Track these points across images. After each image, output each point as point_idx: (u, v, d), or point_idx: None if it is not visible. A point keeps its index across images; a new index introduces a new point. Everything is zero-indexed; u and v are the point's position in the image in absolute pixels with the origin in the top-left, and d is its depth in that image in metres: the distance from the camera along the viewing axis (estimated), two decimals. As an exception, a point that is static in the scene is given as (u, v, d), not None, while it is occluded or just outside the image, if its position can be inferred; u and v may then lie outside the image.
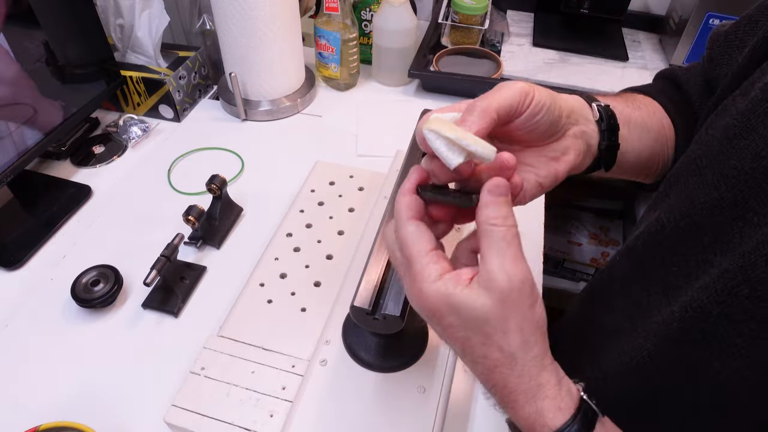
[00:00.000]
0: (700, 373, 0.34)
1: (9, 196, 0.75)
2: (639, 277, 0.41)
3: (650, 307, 0.39)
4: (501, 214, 0.32)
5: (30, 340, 0.59)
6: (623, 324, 0.42)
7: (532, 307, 0.32)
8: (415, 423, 0.47)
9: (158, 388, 0.54)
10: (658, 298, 0.38)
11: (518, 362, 0.32)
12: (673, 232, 0.38)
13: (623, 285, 0.44)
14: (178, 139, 0.87)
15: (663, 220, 0.39)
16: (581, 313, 0.53)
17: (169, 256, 0.60)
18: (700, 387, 0.34)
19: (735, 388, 0.32)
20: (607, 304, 0.46)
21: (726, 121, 0.36)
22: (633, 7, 1.13)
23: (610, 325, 0.44)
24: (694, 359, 0.34)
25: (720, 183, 0.35)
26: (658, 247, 0.40)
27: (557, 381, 0.33)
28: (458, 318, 0.32)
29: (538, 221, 0.72)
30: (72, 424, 0.48)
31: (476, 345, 0.33)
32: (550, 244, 1.36)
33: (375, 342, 0.50)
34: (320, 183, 0.73)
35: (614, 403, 0.34)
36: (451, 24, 1.06)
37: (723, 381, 0.32)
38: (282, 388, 0.50)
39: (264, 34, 0.82)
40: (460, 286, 0.32)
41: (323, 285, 0.60)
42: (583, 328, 0.51)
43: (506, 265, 0.32)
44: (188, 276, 0.64)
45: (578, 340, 0.50)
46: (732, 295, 0.31)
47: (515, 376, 0.32)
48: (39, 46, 0.72)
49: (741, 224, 0.33)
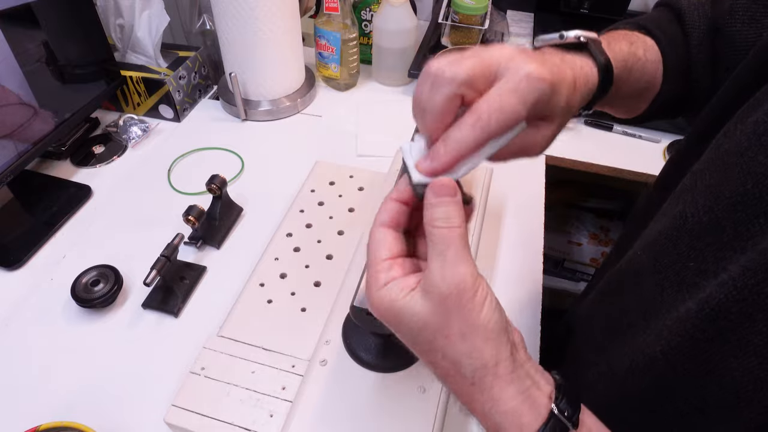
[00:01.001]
0: (713, 371, 0.33)
1: (9, 196, 0.75)
2: (654, 272, 0.41)
3: (664, 303, 0.38)
4: (443, 215, 0.31)
5: (30, 340, 0.59)
6: (637, 320, 0.41)
7: (477, 311, 0.30)
8: (415, 423, 0.47)
9: (158, 388, 0.54)
10: (672, 294, 0.38)
11: (465, 371, 0.31)
12: (695, 227, 0.37)
13: (638, 280, 0.43)
14: (178, 139, 0.87)
15: (687, 215, 0.38)
16: (591, 308, 0.52)
17: (168, 256, 0.60)
18: (710, 386, 0.34)
19: (746, 388, 0.32)
20: (620, 300, 0.45)
21: (756, 116, 0.35)
22: (633, 7, 1.13)
23: (623, 321, 0.43)
24: (708, 357, 0.34)
25: (746, 179, 0.34)
26: (677, 242, 0.39)
27: (520, 392, 0.31)
28: (402, 325, 0.32)
29: (538, 221, 0.72)
30: (72, 424, 0.48)
31: (423, 352, 0.32)
32: (550, 244, 1.35)
33: (375, 342, 0.50)
34: (320, 183, 0.73)
35: (621, 400, 0.34)
36: (451, 24, 1.06)
37: (735, 380, 0.32)
38: (282, 388, 0.50)
39: (264, 34, 0.82)
40: (404, 293, 0.31)
41: (323, 285, 0.60)
42: (594, 324, 0.50)
43: (445, 268, 0.30)
44: (188, 276, 0.64)
45: (587, 336, 0.50)
46: (753, 293, 0.31)
47: (467, 386, 0.31)
48: (39, 46, 0.72)
49: (763, 221, 0.32)
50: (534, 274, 0.65)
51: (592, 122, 0.89)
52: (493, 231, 0.71)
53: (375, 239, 0.33)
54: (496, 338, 0.31)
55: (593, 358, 0.45)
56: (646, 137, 0.87)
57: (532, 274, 0.65)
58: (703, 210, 0.37)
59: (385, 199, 0.35)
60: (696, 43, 0.47)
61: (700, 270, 0.36)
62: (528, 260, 0.67)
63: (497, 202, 0.74)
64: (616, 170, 0.83)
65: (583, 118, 0.89)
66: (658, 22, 0.49)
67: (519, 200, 0.75)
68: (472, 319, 0.30)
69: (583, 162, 0.83)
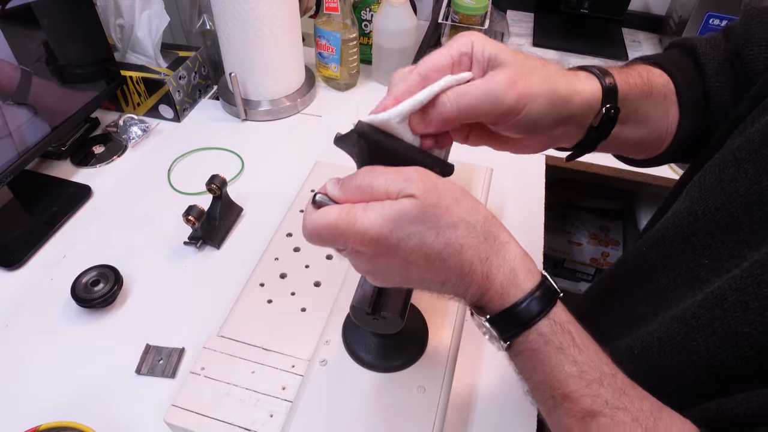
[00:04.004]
0: (701, 360, 0.34)
1: (9, 196, 0.75)
2: (666, 267, 0.41)
3: (675, 298, 0.38)
4: None
5: (30, 340, 0.59)
6: (646, 313, 0.41)
7: (451, 182, 0.33)
8: (415, 423, 0.47)
9: (158, 388, 0.54)
10: (684, 290, 0.38)
11: (477, 228, 0.33)
12: (707, 224, 0.37)
13: (648, 274, 0.43)
14: (178, 139, 0.87)
15: (697, 212, 0.38)
16: (597, 301, 0.52)
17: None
18: (702, 372, 0.34)
19: (740, 376, 0.32)
20: (629, 293, 0.45)
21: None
22: (633, 7, 1.13)
23: (631, 314, 0.43)
24: (696, 345, 0.34)
25: (762, 177, 0.34)
26: (689, 239, 0.39)
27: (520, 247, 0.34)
28: (402, 229, 0.31)
29: (538, 221, 0.72)
30: (72, 424, 0.48)
31: (433, 243, 0.32)
32: (550, 244, 1.36)
33: (375, 342, 0.50)
34: (320, 183, 0.71)
35: None
36: (451, 24, 1.06)
37: (727, 368, 0.32)
38: (282, 388, 0.50)
39: (264, 34, 0.82)
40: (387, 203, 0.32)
41: (323, 285, 0.60)
42: (600, 317, 0.50)
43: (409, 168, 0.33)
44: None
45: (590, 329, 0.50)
46: (754, 284, 0.31)
47: (482, 244, 0.33)
48: (39, 46, 0.72)
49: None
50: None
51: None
52: (493, 231, 0.70)
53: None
54: (474, 198, 0.34)
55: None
56: (646, 137, 0.87)
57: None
58: (714, 207, 0.37)
59: None
60: (712, 72, 0.46)
61: (715, 267, 0.36)
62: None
63: (497, 202, 0.74)
64: (616, 170, 0.83)
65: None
66: (671, 58, 0.48)
67: (519, 200, 0.75)
68: (450, 186, 0.33)
69: (583, 162, 0.83)
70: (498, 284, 0.33)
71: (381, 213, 0.31)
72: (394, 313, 0.43)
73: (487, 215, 0.34)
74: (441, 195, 0.32)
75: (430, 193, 0.32)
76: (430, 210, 0.32)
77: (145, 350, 0.57)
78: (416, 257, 0.32)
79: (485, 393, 0.54)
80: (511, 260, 0.33)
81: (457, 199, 0.33)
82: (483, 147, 0.43)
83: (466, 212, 0.33)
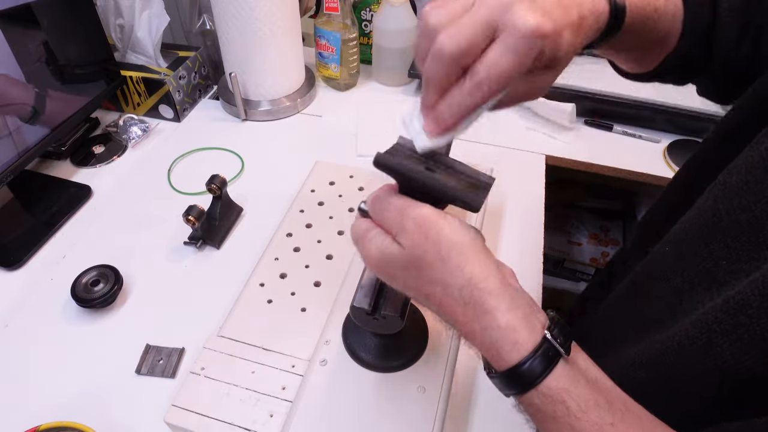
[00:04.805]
0: (726, 365, 0.33)
1: (9, 196, 0.75)
2: (683, 268, 0.40)
3: (693, 300, 0.38)
4: None
5: (30, 340, 0.59)
6: (663, 316, 0.41)
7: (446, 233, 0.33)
8: (415, 423, 0.47)
9: (158, 388, 0.54)
10: (701, 291, 0.37)
11: (453, 291, 0.33)
12: (730, 225, 0.36)
13: (666, 275, 0.42)
14: (178, 139, 0.87)
15: (721, 212, 0.37)
16: (613, 304, 0.51)
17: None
18: (728, 378, 0.33)
19: (758, 383, 0.31)
20: (646, 295, 0.44)
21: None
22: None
23: (649, 316, 0.43)
24: (721, 351, 0.33)
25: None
26: (709, 239, 0.38)
27: (514, 307, 0.32)
28: (390, 269, 0.36)
29: (538, 221, 0.72)
30: (72, 424, 0.48)
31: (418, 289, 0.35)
32: (550, 244, 1.35)
33: (375, 342, 0.50)
34: (320, 183, 0.73)
35: (632, 394, 0.33)
36: (451, 24, 1.06)
37: (748, 376, 0.32)
38: (282, 388, 0.50)
39: (264, 34, 0.82)
40: (387, 241, 0.35)
41: (323, 285, 0.60)
42: (615, 319, 0.49)
43: (409, 209, 0.35)
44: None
45: (607, 331, 0.49)
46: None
47: (460, 308, 0.33)
48: (39, 46, 0.72)
49: None
50: (534, 274, 0.65)
51: (592, 122, 0.89)
52: (493, 231, 0.71)
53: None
54: (475, 255, 0.33)
55: (611, 351, 0.44)
56: (646, 137, 0.87)
57: (532, 274, 0.65)
58: (739, 208, 0.36)
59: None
60: (726, 5, 0.44)
61: (733, 270, 0.35)
62: (528, 260, 0.67)
63: (497, 202, 0.74)
64: (616, 170, 0.83)
65: (584, 118, 0.89)
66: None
67: (519, 200, 0.75)
68: (444, 241, 0.33)
69: (583, 162, 0.83)
70: (479, 349, 0.34)
71: (380, 248, 0.35)
72: (394, 313, 0.43)
73: (473, 278, 0.32)
74: (428, 250, 0.33)
75: (418, 246, 0.33)
76: (414, 262, 0.34)
77: (145, 350, 0.57)
78: (408, 290, 0.36)
79: (485, 393, 0.54)
80: (494, 331, 0.32)
81: (444, 258, 0.33)
82: (483, 147, 0.43)
83: (449, 273, 0.33)
